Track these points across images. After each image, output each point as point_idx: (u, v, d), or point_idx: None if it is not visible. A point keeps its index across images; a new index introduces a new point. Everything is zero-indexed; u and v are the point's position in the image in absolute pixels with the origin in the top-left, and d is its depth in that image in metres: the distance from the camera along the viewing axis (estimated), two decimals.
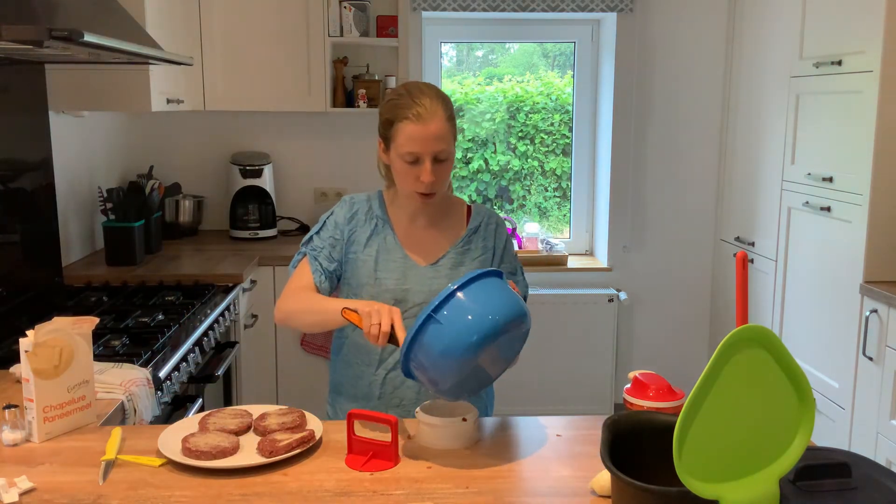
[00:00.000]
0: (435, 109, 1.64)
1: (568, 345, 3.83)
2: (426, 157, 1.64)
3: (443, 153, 1.65)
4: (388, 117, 1.68)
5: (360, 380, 1.77)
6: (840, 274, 2.80)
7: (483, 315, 1.38)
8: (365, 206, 1.80)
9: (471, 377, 1.41)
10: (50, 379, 1.47)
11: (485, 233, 1.80)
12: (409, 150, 1.64)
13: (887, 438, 2.51)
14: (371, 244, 1.76)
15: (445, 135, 1.65)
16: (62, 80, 2.74)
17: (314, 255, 1.76)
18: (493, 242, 1.80)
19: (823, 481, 1.08)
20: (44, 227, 2.75)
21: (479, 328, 1.36)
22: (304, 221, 3.90)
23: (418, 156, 1.64)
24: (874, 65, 2.58)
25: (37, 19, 1.70)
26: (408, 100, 1.65)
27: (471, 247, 1.78)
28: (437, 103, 1.65)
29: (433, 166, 1.65)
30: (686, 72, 3.84)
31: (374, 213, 1.79)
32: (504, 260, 1.81)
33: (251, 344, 3.26)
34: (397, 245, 1.76)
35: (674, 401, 1.45)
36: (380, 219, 1.78)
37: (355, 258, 1.75)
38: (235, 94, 3.49)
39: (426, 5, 3.68)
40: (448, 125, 1.66)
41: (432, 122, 1.63)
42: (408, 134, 1.63)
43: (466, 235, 1.79)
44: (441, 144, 1.64)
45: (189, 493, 1.27)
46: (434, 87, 1.71)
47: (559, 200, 4.24)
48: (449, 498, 1.27)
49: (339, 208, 1.80)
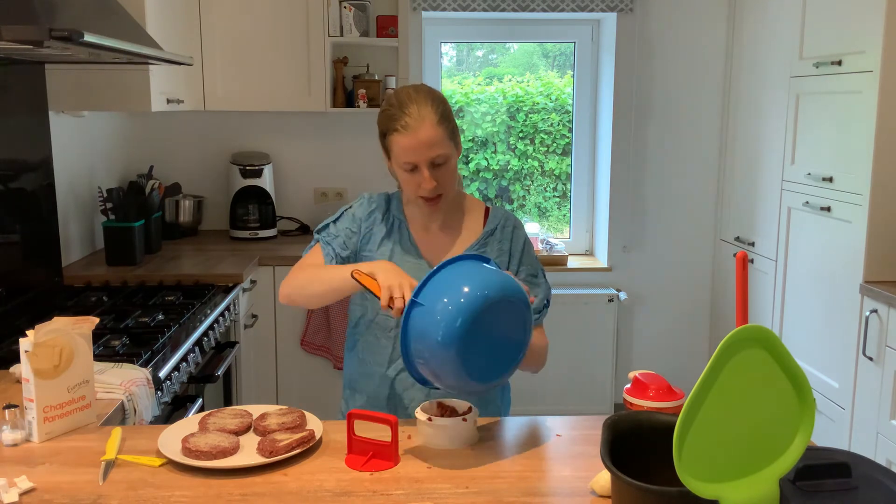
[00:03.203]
0: (423, 115, 1.62)
1: (568, 345, 3.83)
2: (422, 165, 1.63)
3: (439, 158, 1.64)
4: (382, 129, 1.68)
5: (370, 378, 1.77)
6: (840, 274, 2.80)
7: (461, 293, 1.36)
8: (383, 205, 1.79)
9: (475, 368, 1.38)
10: (50, 379, 1.47)
11: (501, 235, 1.78)
12: (405, 160, 1.64)
13: (887, 438, 2.51)
14: (386, 244, 1.75)
15: (438, 139, 1.62)
16: (62, 80, 2.74)
17: (327, 241, 1.74)
18: (509, 245, 1.78)
19: (823, 481, 1.08)
20: (44, 227, 2.75)
21: (459, 306, 1.35)
22: (304, 221, 3.90)
23: (414, 164, 1.64)
24: (874, 65, 2.58)
25: (37, 19, 1.70)
26: (396, 110, 1.64)
27: (486, 250, 1.76)
28: (426, 108, 1.63)
29: (432, 171, 1.64)
30: (686, 72, 3.84)
31: (391, 213, 1.78)
32: (523, 262, 1.78)
33: (251, 344, 3.26)
34: (413, 246, 1.75)
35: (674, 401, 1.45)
36: (396, 219, 1.77)
37: (370, 257, 1.74)
38: (235, 94, 3.49)
39: (426, 5, 3.68)
40: (440, 128, 1.63)
41: (421, 130, 1.61)
42: (400, 145, 1.63)
43: (482, 238, 1.77)
44: (435, 150, 1.62)
45: (189, 493, 1.27)
46: (424, 89, 1.68)
47: (559, 200, 4.24)
48: (449, 498, 1.27)
49: (358, 204, 1.79)
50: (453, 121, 1.69)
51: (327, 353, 3.39)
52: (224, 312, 2.71)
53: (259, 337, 3.33)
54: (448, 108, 1.68)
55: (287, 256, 3.35)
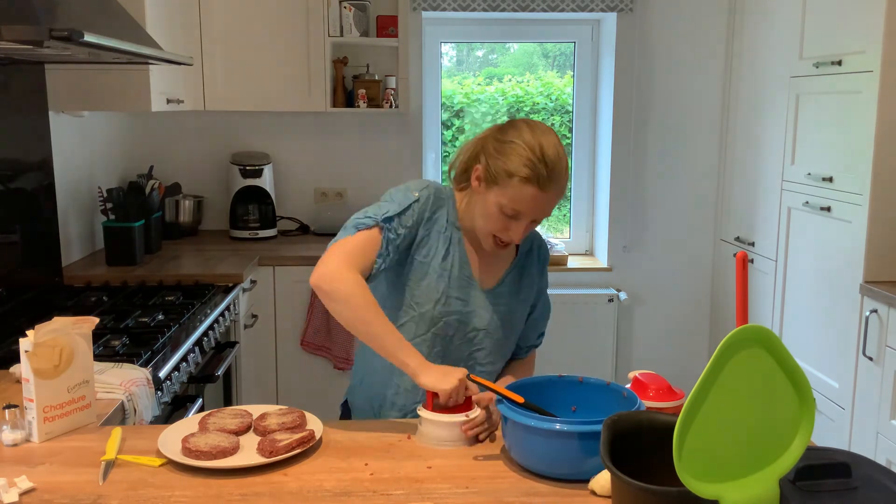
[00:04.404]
0: (560, 182, 1.56)
1: (568, 345, 3.83)
2: (525, 219, 1.58)
3: (542, 216, 1.61)
4: (509, 170, 1.54)
5: (374, 379, 1.76)
6: (840, 274, 2.79)
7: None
8: (445, 211, 1.68)
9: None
10: (50, 379, 1.47)
11: (537, 253, 1.80)
12: (516, 207, 1.56)
13: (887, 438, 2.51)
14: (444, 260, 1.66)
15: (555, 202, 1.60)
16: (62, 80, 2.74)
17: (388, 238, 1.59)
18: (543, 264, 1.81)
19: (823, 481, 1.08)
20: (44, 227, 2.75)
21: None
22: (303, 221, 3.90)
23: (521, 214, 1.57)
24: (874, 65, 2.58)
25: (37, 19, 1.70)
26: (542, 167, 1.53)
27: (525, 271, 1.77)
28: (564, 175, 1.57)
29: (528, 225, 1.60)
30: (686, 72, 3.84)
31: (450, 222, 1.68)
32: (543, 276, 1.83)
33: (251, 344, 3.26)
34: (466, 264, 1.69)
35: (674, 401, 1.45)
36: (456, 234, 1.68)
37: (425, 264, 1.66)
38: (235, 94, 3.49)
39: (426, 5, 3.68)
40: (562, 193, 1.60)
41: (552, 191, 1.56)
42: (526, 195, 1.54)
43: (520, 258, 1.77)
44: (548, 212, 1.60)
45: (189, 493, 1.27)
46: (562, 149, 1.58)
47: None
48: (449, 498, 1.27)
49: (426, 197, 1.65)
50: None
51: (327, 353, 3.39)
52: (224, 312, 2.71)
53: (259, 337, 3.33)
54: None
55: (287, 256, 3.35)
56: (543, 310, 1.85)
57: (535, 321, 1.84)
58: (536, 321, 1.85)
